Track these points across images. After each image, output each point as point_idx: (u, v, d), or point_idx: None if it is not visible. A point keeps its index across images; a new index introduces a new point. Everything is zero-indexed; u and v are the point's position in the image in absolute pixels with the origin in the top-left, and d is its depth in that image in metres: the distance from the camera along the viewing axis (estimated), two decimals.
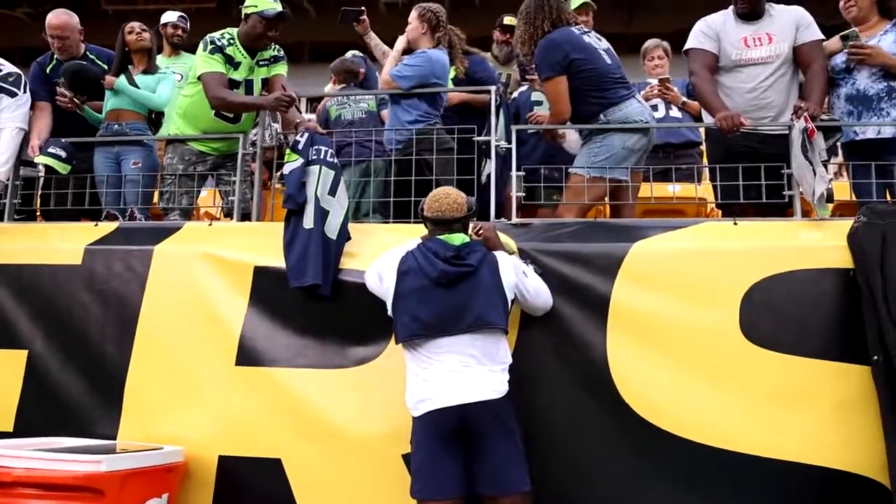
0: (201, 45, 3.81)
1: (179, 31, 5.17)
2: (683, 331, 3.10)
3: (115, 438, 3.34)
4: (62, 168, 3.95)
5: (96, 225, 3.86)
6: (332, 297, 3.32)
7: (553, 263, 3.21)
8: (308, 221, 3.31)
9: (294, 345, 3.36)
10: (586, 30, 3.75)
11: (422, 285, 2.80)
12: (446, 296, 2.78)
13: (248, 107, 3.90)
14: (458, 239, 2.88)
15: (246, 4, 3.82)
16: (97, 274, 3.58)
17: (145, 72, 4.23)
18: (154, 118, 4.26)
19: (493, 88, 3.73)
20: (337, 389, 3.26)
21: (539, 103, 4.38)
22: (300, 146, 3.44)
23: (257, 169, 3.82)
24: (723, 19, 3.81)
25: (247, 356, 3.35)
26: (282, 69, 3.98)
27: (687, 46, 3.84)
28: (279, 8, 3.80)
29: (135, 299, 3.51)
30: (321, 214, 3.33)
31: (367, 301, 3.17)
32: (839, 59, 3.69)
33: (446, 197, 2.93)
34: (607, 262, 3.20)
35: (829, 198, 3.35)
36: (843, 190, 3.85)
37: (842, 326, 3.01)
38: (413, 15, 4.14)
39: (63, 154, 3.94)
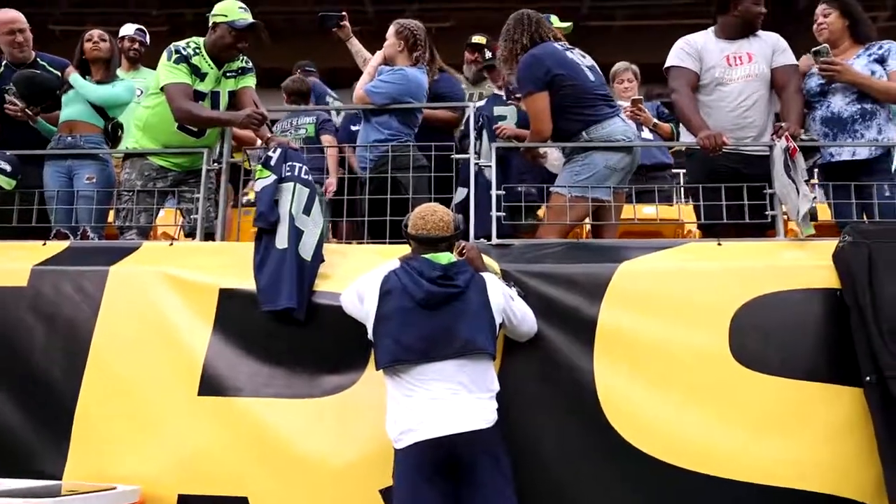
0: (165, 54, 3.59)
1: (136, 45, 4.95)
2: (673, 354, 3.00)
3: (61, 478, 3.04)
4: (6, 183, 3.68)
5: (44, 244, 3.56)
6: (304, 321, 3.13)
7: (538, 285, 3.09)
8: (281, 241, 3.11)
9: (262, 373, 3.13)
10: (569, 46, 3.68)
11: (406, 307, 2.63)
12: (432, 318, 2.62)
13: (217, 122, 3.69)
14: (444, 258, 2.73)
15: (214, 13, 3.64)
16: (45, 296, 3.31)
17: (101, 82, 3.99)
18: (111, 131, 4.01)
19: (471, 105, 3.62)
20: (309, 420, 3.04)
21: (503, 118, 4.26)
22: (272, 162, 3.26)
23: (222, 186, 3.61)
24: (703, 38, 3.80)
25: (210, 385, 3.11)
26: (250, 81, 3.79)
27: (668, 64, 3.81)
28: (250, 18, 3.62)
29: (87, 324, 3.24)
30: (295, 234, 3.14)
31: (342, 325, 3.00)
32: (814, 83, 3.72)
33: (433, 214, 2.78)
34: (594, 284, 3.09)
35: (813, 216, 3.32)
36: (821, 212, 3.85)
37: (832, 347, 2.95)
38: (390, 31, 4.01)
39: (7, 168, 3.68)
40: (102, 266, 3.36)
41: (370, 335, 2.73)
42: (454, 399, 2.54)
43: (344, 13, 4.14)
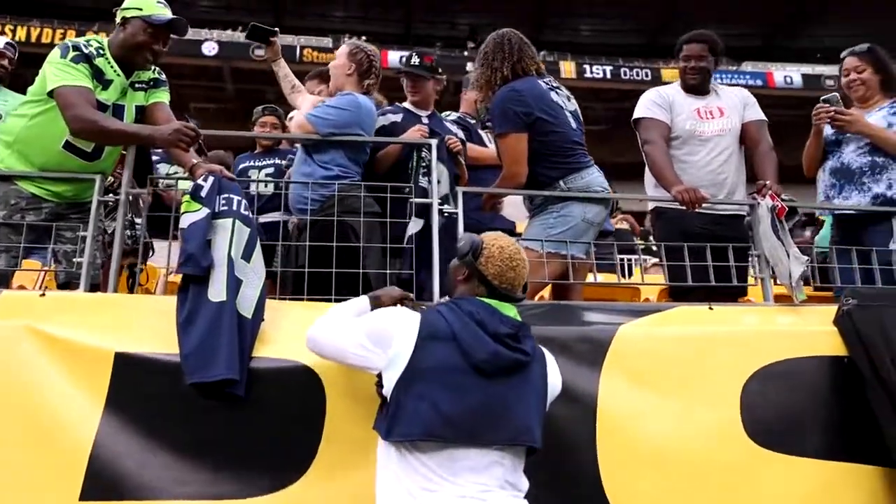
0: (58, 51, 2.81)
1: (5, 62, 3.98)
2: (683, 433, 2.59)
3: None
4: None
5: None
6: (236, 396, 2.40)
7: None
8: (217, 292, 2.39)
9: (175, 467, 2.33)
10: (554, 84, 3.32)
11: (455, 365, 1.96)
12: (486, 388, 1.96)
13: (133, 139, 2.87)
14: (510, 310, 2.11)
15: (125, 6, 2.92)
16: None
17: None
18: None
19: (433, 142, 3.12)
20: None
21: None
22: (203, 192, 2.57)
23: (119, 223, 2.82)
24: (673, 91, 3.61)
25: (100, 486, 2.26)
26: (164, 96, 3.06)
27: (637, 115, 3.57)
28: (169, 14, 2.94)
29: None
30: (235, 284, 2.44)
31: (283, 401, 2.40)
32: (829, 131, 3.60)
33: (523, 265, 2.14)
34: (592, 350, 2.65)
35: (806, 281, 3.10)
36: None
37: (848, 421, 2.68)
38: (342, 51, 3.43)
39: None
40: None
41: (386, 389, 2.00)
42: (487, 498, 1.90)
43: (277, 29, 3.51)
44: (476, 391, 1.95)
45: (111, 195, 2.88)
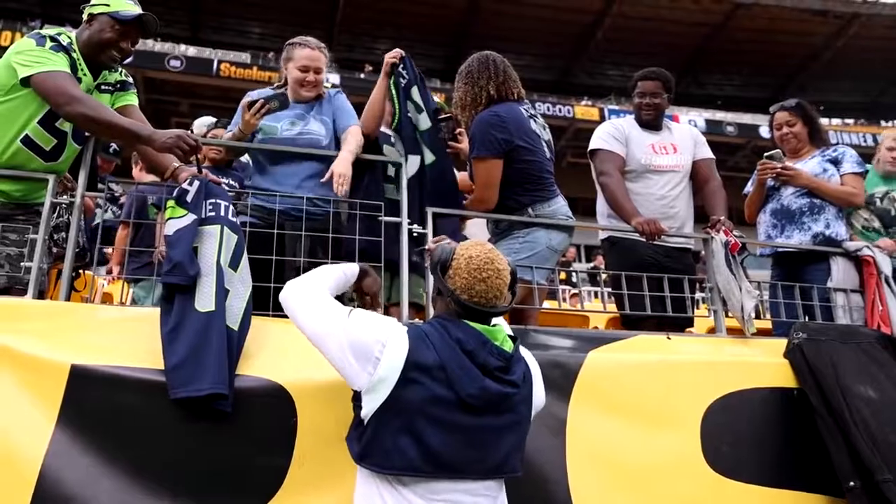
0: (31, 41, 2.63)
1: None
2: (650, 461, 2.65)
3: None
4: None
5: None
6: (200, 415, 2.26)
7: None
8: (205, 302, 2.28)
9: (130, 490, 2.17)
10: (533, 112, 3.36)
11: (440, 398, 1.85)
12: (471, 423, 1.87)
13: (131, 135, 2.61)
14: (500, 335, 1.99)
15: (92, 2, 2.77)
16: None
17: None
18: None
19: (401, 161, 3.10)
20: None
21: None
22: (189, 197, 2.46)
23: (72, 227, 2.63)
24: (628, 125, 3.74)
25: None
26: (132, 98, 2.91)
27: (593, 147, 3.67)
28: (138, 10, 2.79)
29: None
30: (223, 294, 2.32)
31: (250, 419, 2.28)
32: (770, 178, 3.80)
33: (496, 275, 1.95)
34: (562, 377, 2.68)
35: (757, 314, 3.26)
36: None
37: (802, 451, 2.82)
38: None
39: None
40: None
41: (364, 411, 1.88)
42: None
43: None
44: (461, 426, 1.87)
45: (65, 197, 2.69)
